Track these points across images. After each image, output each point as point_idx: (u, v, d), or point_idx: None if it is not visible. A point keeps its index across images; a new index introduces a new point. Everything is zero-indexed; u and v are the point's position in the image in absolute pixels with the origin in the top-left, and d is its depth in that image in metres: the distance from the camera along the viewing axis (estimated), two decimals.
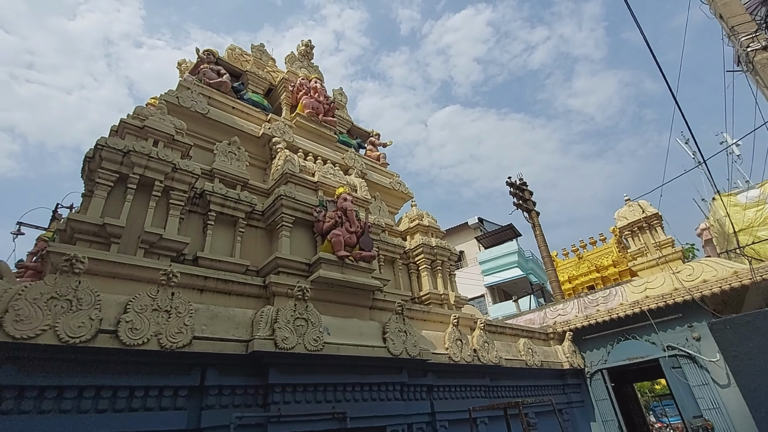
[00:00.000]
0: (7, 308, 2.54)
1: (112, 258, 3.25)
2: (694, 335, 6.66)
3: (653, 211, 8.43)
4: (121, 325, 2.82)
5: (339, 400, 3.76)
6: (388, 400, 4.14)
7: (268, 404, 3.36)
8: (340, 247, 4.42)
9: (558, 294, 12.17)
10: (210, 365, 3.21)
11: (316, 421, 3.54)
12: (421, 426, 4.47)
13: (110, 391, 2.80)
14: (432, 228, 6.64)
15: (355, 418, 3.76)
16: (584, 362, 7.52)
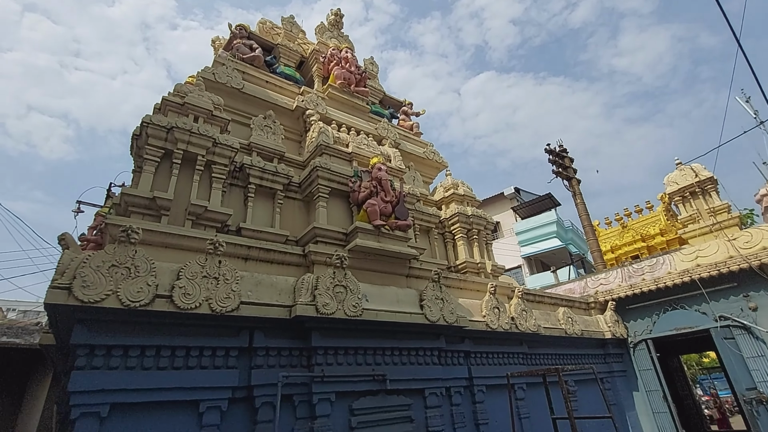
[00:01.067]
0: (75, 275, 2.77)
1: (163, 229, 3.44)
2: (751, 305, 6.29)
3: (707, 174, 7.86)
4: (175, 290, 3.01)
5: (378, 363, 3.89)
6: (426, 364, 4.23)
7: (312, 365, 3.53)
8: (375, 216, 4.45)
9: (600, 264, 11.78)
10: (257, 328, 3.39)
11: (357, 382, 3.69)
12: (459, 390, 4.56)
13: (168, 350, 3.03)
14: (467, 197, 6.54)
15: (395, 381, 3.89)
16: (627, 332, 7.31)
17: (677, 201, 8.19)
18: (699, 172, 7.95)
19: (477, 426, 4.57)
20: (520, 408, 5.05)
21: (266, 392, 3.26)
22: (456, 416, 4.39)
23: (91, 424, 2.65)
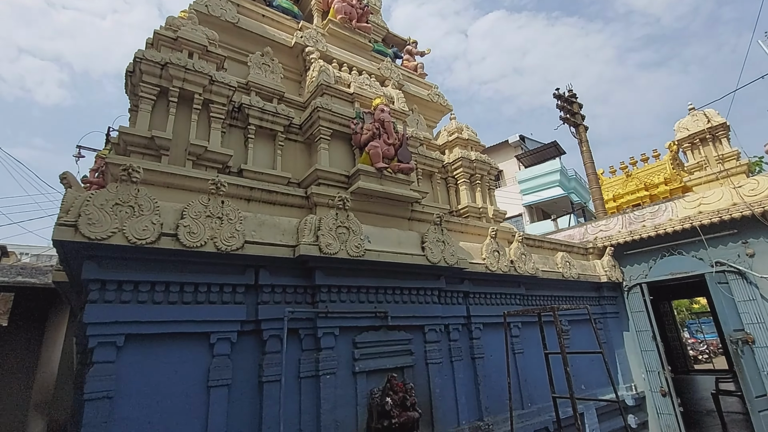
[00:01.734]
0: (80, 213, 2.79)
1: (164, 169, 3.42)
2: (748, 251, 6.37)
3: (720, 120, 7.62)
4: (180, 229, 3.05)
5: (380, 302, 4.03)
6: (426, 303, 4.39)
7: (316, 302, 3.67)
8: (378, 158, 4.40)
9: (601, 212, 11.82)
10: (262, 267, 3.48)
11: (360, 318, 3.85)
12: (457, 327, 4.77)
13: (177, 286, 3.13)
14: (471, 141, 6.41)
15: (396, 317, 4.05)
16: (623, 276, 7.49)
17: (686, 148, 8.02)
18: (711, 117, 7.71)
19: (473, 360, 4.84)
20: (515, 344, 5.30)
21: (273, 326, 3.41)
22: (453, 351, 4.63)
23: (108, 352, 2.81)
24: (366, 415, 3.62)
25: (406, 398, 3.61)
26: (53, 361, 8.18)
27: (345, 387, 3.61)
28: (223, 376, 3.13)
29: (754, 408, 5.63)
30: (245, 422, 3.17)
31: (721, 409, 8.73)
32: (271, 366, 3.32)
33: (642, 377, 6.97)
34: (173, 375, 3.00)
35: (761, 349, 5.88)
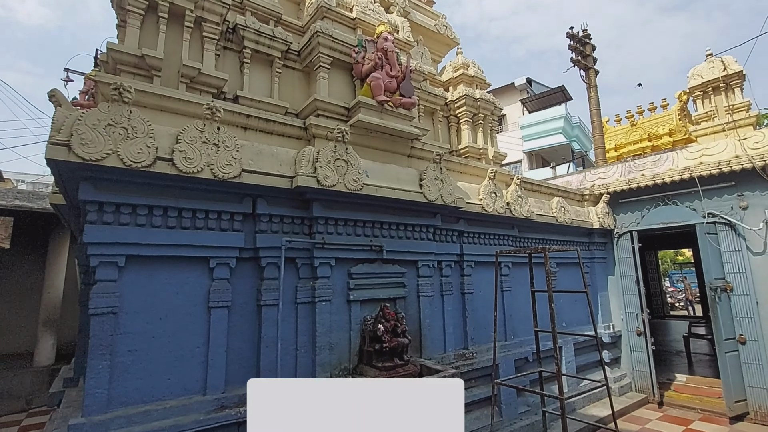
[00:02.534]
0: (72, 132, 2.72)
1: (156, 90, 3.28)
2: (742, 204, 6.44)
3: (737, 68, 7.31)
4: (175, 154, 3.00)
5: (377, 236, 4.11)
6: (421, 239, 4.48)
7: (313, 233, 3.73)
8: (379, 91, 4.24)
9: (601, 161, 11.72)
10: (259, 196, 3.48)
11: (356, 251, 3.94)
12: (449, 264, 4.91)
13: (175, 211, 3.15)
14: (477, 79, 6.16)
15: (391, 251, 4.15)
16: (615, 224, 7.62)
17: (697, 97, 7.77)
18: (728, 65, 7.39)
19: (463, 295, 5.05)
20: (504, 282, 5.51)
21: (271, 254, 3.50)
22: (445, 286, 4.81)
23: (110, 271, 2.88)
24: (359, 339, 3.84)
25: (397, 326, 3.80)
26: (57, 283, 8.45)
27: (339, 313, 3.79)
28: (222, 298, 3.26)
29: (722, 349, 6.02)
30: (245, 340, 3.36)
31: (690, 349, 9.35)
32: (269, 291, 3.45)
33: (620, 318, 7.36)
34: (175, 295, 3.12)
35: (737, 297, 6.16)
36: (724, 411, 5.95)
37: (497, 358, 4.53)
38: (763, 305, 5.97)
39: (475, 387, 4.83)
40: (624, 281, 7.42)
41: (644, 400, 6.70)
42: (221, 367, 3.18)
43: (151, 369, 2.93)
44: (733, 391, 5.89)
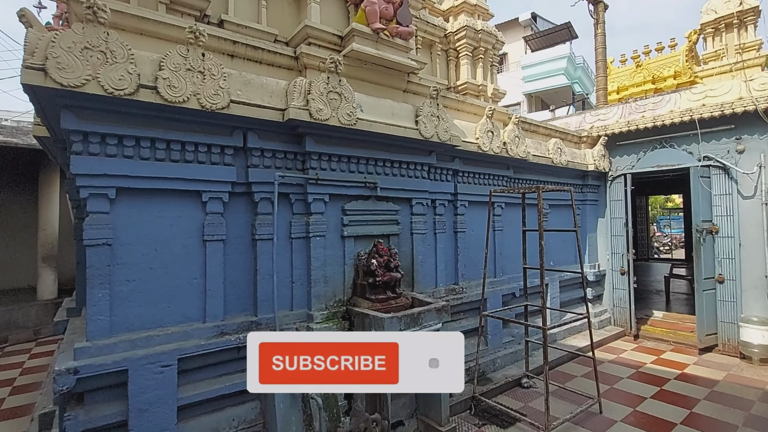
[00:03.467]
0: (47, 56, 2.55)
1: (134, 11, 3.04)
2: (739, 147, 6.40)
3: (753, 3, 6.90)
4: (159, 81, 2.85)
5: (371, 173, 4.07)
6: (415, 177, 4.45)
7: (306, 169, 3.68)
8: (375, 18, 3.97)
9: (602, 103, 11.40)
10: (250, 129, 3.38)
11: (350, 187, 3.92)
12: (443, 203, 4.94)
13: (164, 143, 3.06)
14: (479, 8, 5.79)
15: (385, 189, 4.14)
16: (610, 166, 7.60)
17: (707, 34, 7.40)
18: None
19: (455, 233, 5.14)
20: (496, 222, 5.59)
21: (264, 189, 3.47)
22: (438, 224, 4.87)
23: (101, 203, 2.86)
24: (353, 273, 3.95)
25: (390, 261, 3.90)
26: (52, 220, 8.45)
27: (334, 248, 3.85)
28: (217, 232, 3.28)
29: (700, 287, 6.30)
30: (241, 272, 3.44)
31: (669, 289, 9.80)
32: (263, 226, 3.47)
33: (606, 258, 7.60)
34: (169, 228, 3.13)
35: (722, 239, 6.33)
36: (694, 343, 6.36)
37: (486, 293, 4.71)
38: (745, 247, 6.16)
39: (463, 319, 5.08)
40: (613, 223, 7.56)
41: (621, 333, 7.13)
42: (219, 297, 3.28)
43: (151, 298, 3.02)
44: (705, 326, 6.25)
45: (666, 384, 5.12)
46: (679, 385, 5.07)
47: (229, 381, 3.23)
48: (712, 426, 4.08)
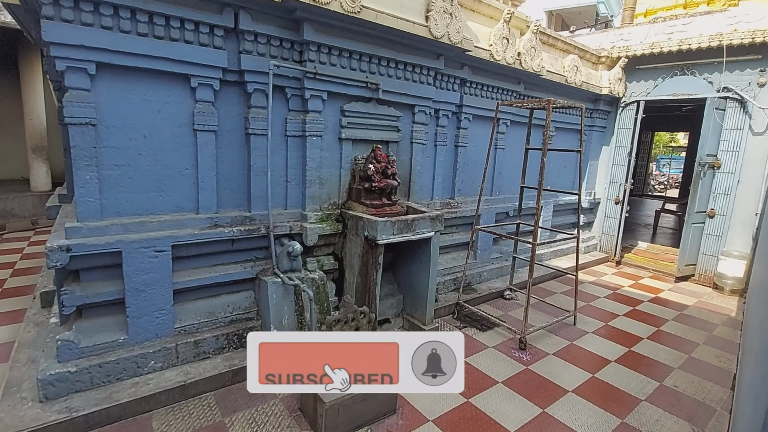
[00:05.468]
0: None
1: None
2: (761, 80, 6.04)
3: None
4: None
5: (373, 72, 3.79)
6: (420, 83, 4.18)
7: (304, 61, 3.40)
8: None
9: (627, 24, 10.52)
10: (242, 8, 3.04)
11: (350, 86, 3.67)
12: (447, 114, 4.72)
13: (146, 15, 2.75)
14: None
15: (387, 92, 3.90)
16: (625, 91, 7.24)
17: None
18: None
19: (456, 147, 4.99)
20: (499, 140, 5.42)
21: (258, 79, 3.23)
22: (439, 136, 4.71)
23: (80, 78, 2.64)
24: (349, 177, 3.87)
25: (388, 168, 3.81)
26: (38, 109, 8.09)
27: (330, 150, 3.73)
28: (208, 122, 3.11)
29: (690, 220, 6.39)
30: (235, 167, 3.34)
31: (658, 223, 10.00)
32: (257, 120, 3.29)
33: (603, 187, 7.59)
34: (157, 114, 2.96)
35: (722, 174, 6.28)
36: (673, 272, 6.63)
37: (480, 209, 4.72)
38: (743, 183, 6.13)
39: (455, 233, 5.16)
40: (617, 152, 7.42)
41: (605, 258, 7.38)
42: (212, 190, 3.22)
43: (141, 185, 2.95)
44: (687, 256, 6.46)
45: (639, 305, 5.41)
46: (652, 307, 5.37)
47: (223, 270, 3.31)
48: (675, 342, 4.39)
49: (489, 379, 3.41)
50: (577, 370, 3.68)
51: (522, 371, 3.58)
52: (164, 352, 2.97)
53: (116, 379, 2.79)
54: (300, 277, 3.39)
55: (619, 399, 3.29)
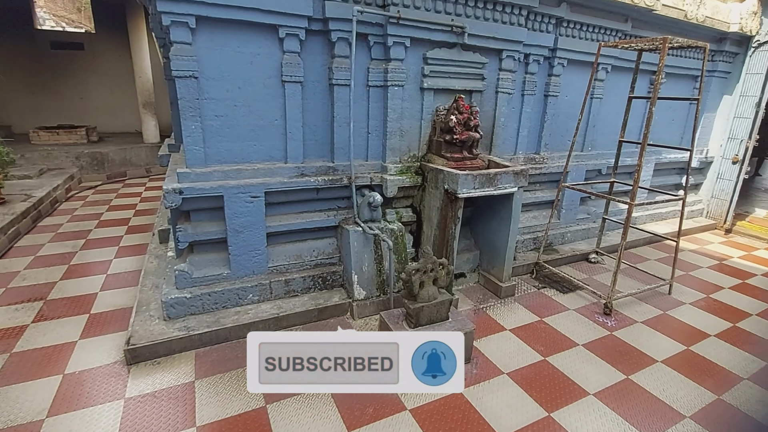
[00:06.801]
0: None
1: None
2: None
3: None
4: None
5: (459, 14, 3.55)
6: (510, 24, 3.84)
7: (387, 5, 3.28)
8: None
9: None
10: None
11: (434, 31, 3.49)
12: (538, 59, 4.31)
13: None
14: None
15: (473, 36, 3.64)
16: (759, 29, 5.99)
17: None
18: None
19: (545, 97, 4.60)
20: (596, 88, 4.86)
21: (341, 27, 3.20)
22: (528, 84, 4.35)
23: (183, 32, 2.83)
24: (429, 129, 3.79)
25: (470, 119, 3.64)
26: (145, 67, 8.96)
27: (411, 101, 3.65)
28: (295, 73, 3.19)
29: None
30: (319, 118, 3.44)
31: None
32: (340, 70, 3.30)
33: (719, 144, 6.56)
34: (249, 66, 3.09)
35: None
36: None
37: (569, 166, 4.37)
38: None
39: (539, 190, 4.89)
40: (742, 101, 6.29)
41: (712, 225, 6.53)
42: (299, 140, 3.37)
43: (238, 134, 3.17)
44: None
45: (750, 279, 4.78)
46: (766, 282, 4.72)
47: (308, 218, 3.52)
48: None
49: (568, 340, 3.32)
50: (668, 340, 3.42)
51: (605, 336, 3.41)
52: (260, 288, 3.31)
53: (222, 307, 3.20)
54: (380, 227, 3.49)
55: (717, 374, 3.02)
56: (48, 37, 10.39)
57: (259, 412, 2.42)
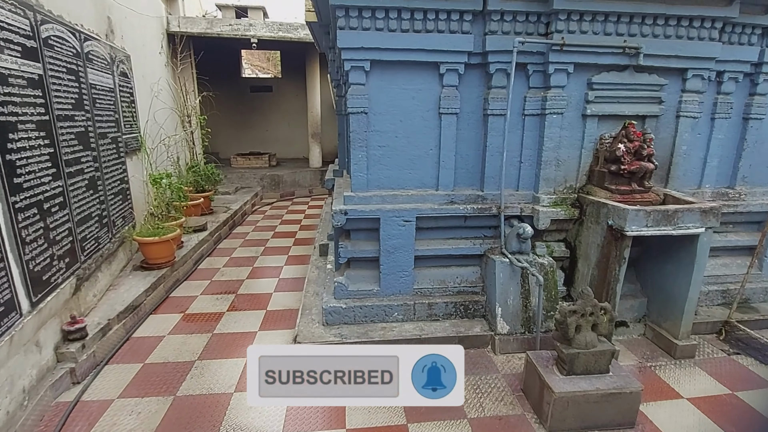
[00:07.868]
0: None
1: None
2: None
3: None
4: None
5: (633, 34, 3.25)
6: (698, 39, 3.33)
7: (550, 33, 3.21)
8: None
9: None
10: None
11: (602, 54, 3.26)
12: (735, 77, 3.62)
13: (408, 12, 3.11)
14: None
15: (650, 56, 3.27)
16: None
17: None
18: None
19: (745, 120, 3.80)
20: None
21: (500, 59, 3.25)
22: (720, 106, 3.67)
23: (359, 75, 3.26)
24: (590, 159, 3.51)
25: (642, 148, 3.25)
26: (316, 103, 10.48)
27: (571, 129, 3.45)
28: (452, 105, 3.36)
29: None
30: (471, 147, 3.52)
31: None
32: (496, 100, 3.34)
33: None
34: (411, 100, 3.38)
35: None
36: None
37: None
38: None
39: (732, 233, 4.00)
40: None
41: None
42: (451, 169, 3.49)
43: (396, 163, 3.46)
44: None
45: None
46: None
47: (455, 244, 3.59)
48: None
49: None
50: None
51: None
52: (404, 308, 3.48)
53: (370, 321, 3.46)
54: (528, 261, 3.33)
55: None
56: (248, 82, 13.13)
57: (401, 429, 2.52)
